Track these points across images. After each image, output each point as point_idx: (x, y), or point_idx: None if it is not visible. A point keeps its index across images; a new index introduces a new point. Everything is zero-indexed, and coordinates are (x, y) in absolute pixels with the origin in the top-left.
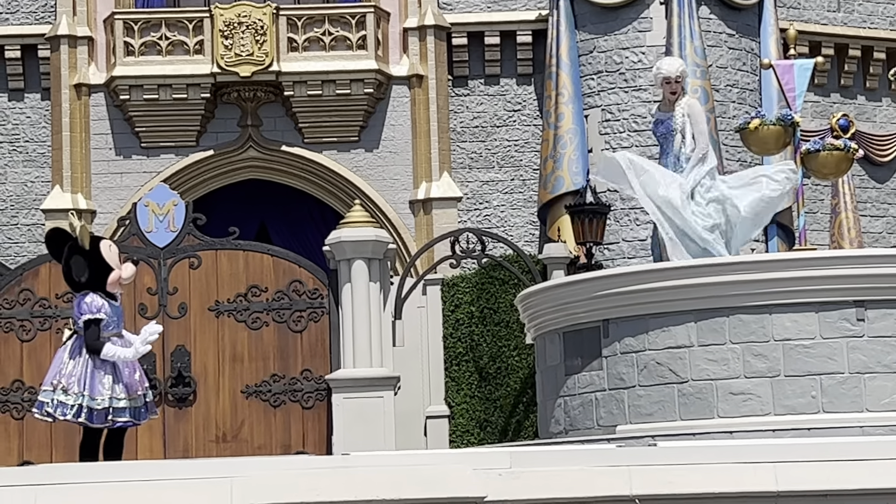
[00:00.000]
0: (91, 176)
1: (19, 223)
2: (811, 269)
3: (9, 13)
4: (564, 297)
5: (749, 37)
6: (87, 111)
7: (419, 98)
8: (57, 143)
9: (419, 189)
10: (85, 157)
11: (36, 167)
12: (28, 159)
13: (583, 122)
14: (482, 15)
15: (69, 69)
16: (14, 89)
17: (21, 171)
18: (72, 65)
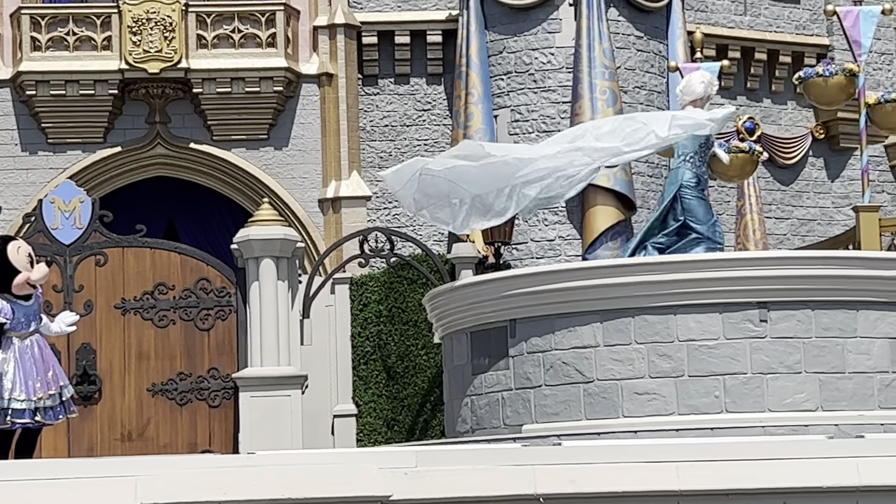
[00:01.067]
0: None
1: None
2: (715, 270)
3: None
4: (472, 297)
5: (657, 39)
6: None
7: (329, 96)
8: None
9: (328, 188)
10: None
11: None
12: None
13: (492, 122)
14: (392, 14)
15: None
16: None
17: None
18: None
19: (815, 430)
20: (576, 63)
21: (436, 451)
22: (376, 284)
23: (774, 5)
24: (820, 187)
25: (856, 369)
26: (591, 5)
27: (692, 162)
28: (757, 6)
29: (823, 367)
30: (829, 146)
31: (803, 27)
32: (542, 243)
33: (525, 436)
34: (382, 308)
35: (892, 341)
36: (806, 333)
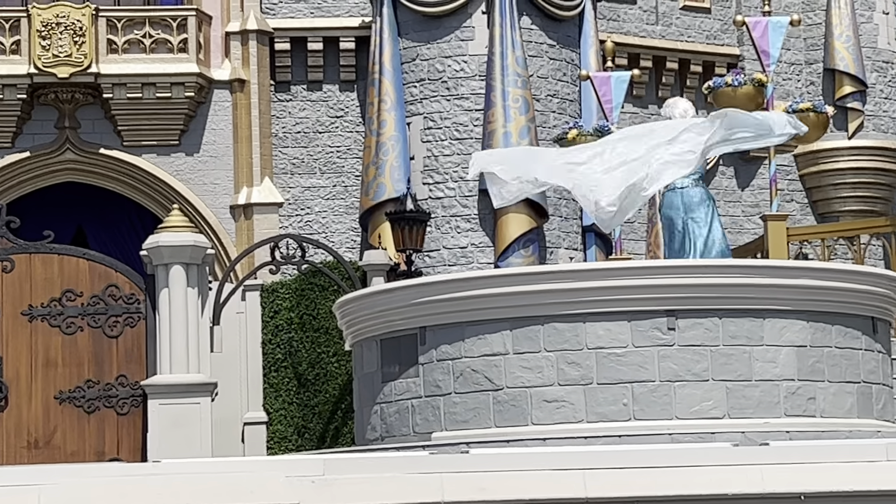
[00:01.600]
0: None
1: None
2: (624, 278)
3: None
4: (382, 305)
5: (570, 48)
6: None
7: (241, 103)
8: None
9: (240, 194)
10: None
11: None
12: None
13: (405, 130)
14: (305, 20)
15: None
16: None
17: None
18: None
19: (722, 438)
20: (489, 71)
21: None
22: (287, 291)
23: (686, 15)
24: (730, 196)
25: (762, 377)
26: (504, 13)
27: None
28: (668, 16)
29: (730, 375)
30: (739, 155)
31: (714, 37)
32: (455, 251)
33: (434, 443)
34: (293, 315)
35: (798, 349)
36: (713, 341)
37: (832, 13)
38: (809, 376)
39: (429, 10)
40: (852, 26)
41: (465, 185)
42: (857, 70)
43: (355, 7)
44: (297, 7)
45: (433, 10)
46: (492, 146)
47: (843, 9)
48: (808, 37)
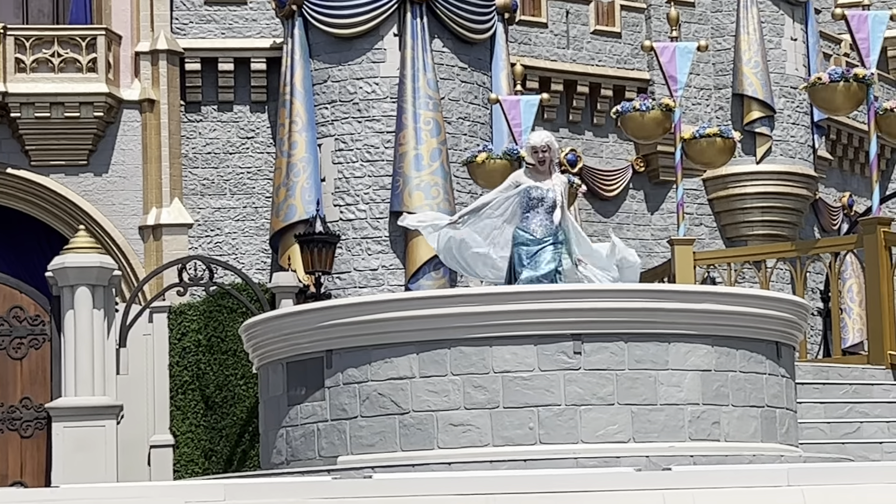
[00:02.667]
0: None
1: None
2: (530, 302)
3: None
4: (288, 327)
5: (481, 71)
6: None
7: (151, 123)
8: None
9: (149, 215)
10: None
11: None
12: None
13: (316, 151)
14: (216, 41)
15: None
16: None
17: None
18: None
19: (628, 462)
20: (400, 93)
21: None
22: (195, 313)
23: (597, 39)
24: (640, 219)
25: (667, 401)
26: (416, 36)
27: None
28: (579, 40)
29: (636, 399)
30: (649, 179)
31: (624, 61)
32: (366, 273)
33: (339, 468)
34: (201, 337)
35: (703, 374)
36: (619, 366)
37: (741, 39)
38: (714, 400)
39: (340, 32)
40: (761, 52)
41: (377, 207)
42: (766, 95)
43: (266, 28)
44: (208, 27)
45: (345, 31)
46: (402, 169)
47: (751, 35)
48: (718, 62)
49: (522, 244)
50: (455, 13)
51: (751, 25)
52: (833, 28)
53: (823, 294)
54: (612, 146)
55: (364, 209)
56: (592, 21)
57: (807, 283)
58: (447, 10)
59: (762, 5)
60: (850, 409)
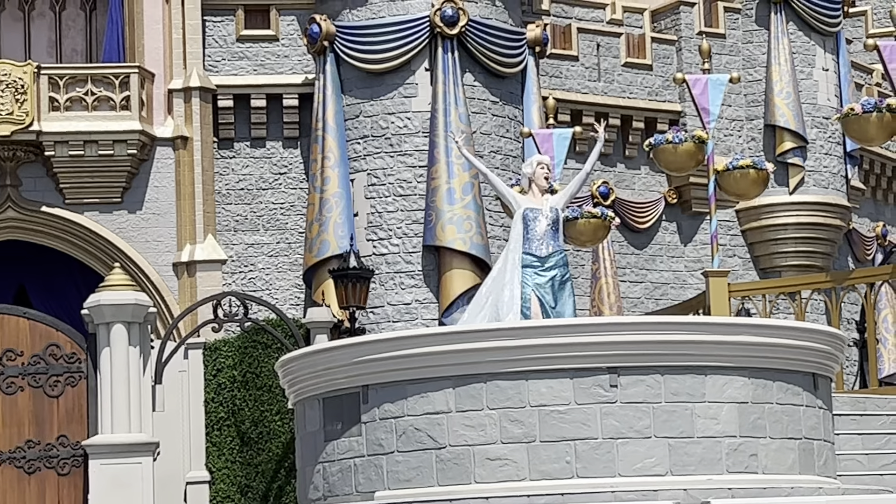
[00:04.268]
0: None
1: None
2: (565, 335)
3: None
4: (324, 363)
5: (513, 104)
6: None
7: (184, 160)
8: None
9: (183, 251)
10: None
11: None
12: None
13: (349, 186)
14: (248, 78)
15: None
16: None
17: None
18: None
19: (665, 496)
20: (432, 127)
21: None
22: (230, 349)
23: (628, 72)
24: (673, 251)
25: (704, 434)
26: (447, 70)
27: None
28: (610, 72)
29: (673, 432)
30: (681, 210)
31: (656, 93)
32: (399, 307)
33: (377, 502)
34: (236, 373)
35: (740, 406)
36: (655, 398)
37: (772, 70)
38: (751, 433)
39: (372, 68)
40: (792, 83)
41: (409, 242)
42: (798, 126)
43: (298, 64)
44: (241, 64)
45: (376, 67)
46: (435, 203)
47: (783, 66)
48: (749, 93)
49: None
50: (486, 47)
51: (782, 56)
52: (865, 58)
53: (859, 325)
54: (644, 178)
55: (397, 244)
56: (623, 53)
57: (842, 314)
58: (478, 44)
59: (793, 36)
60: (888, 440)
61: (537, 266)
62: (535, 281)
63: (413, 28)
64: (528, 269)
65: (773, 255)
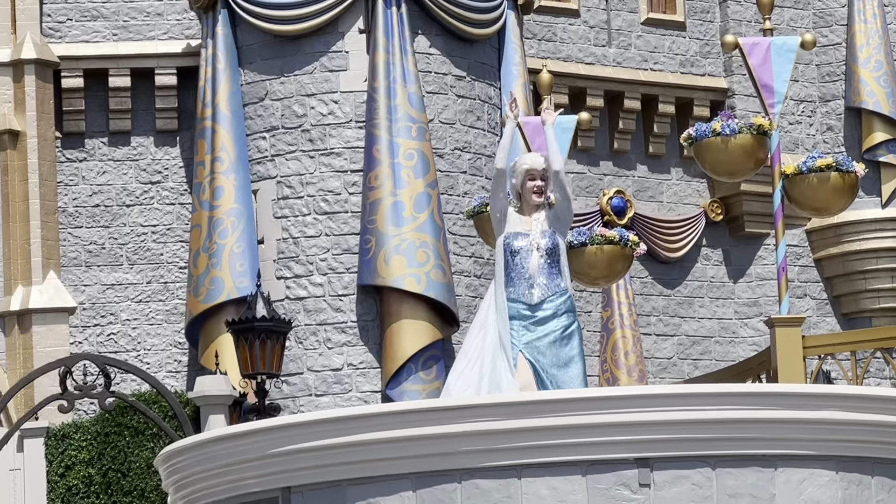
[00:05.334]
0: None
1: None
2: (577, 414)
3: None
4: (227, 456)
5: (486, 80)
6: None
7: (14, 164)
8: None
9: (13, 296)
10: None
11: None
12: None
13: (250, 201)
14: (106, 46)
15: None
16: None
17: None
18: None
19: None
20: (369, 115)
21: None
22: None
23: (650, 33)
24: (718, 290)
25: None
26: (391, 33)
27: None
28: (626, 34)
29: None
30: (729, 232)
31: (691, 63)
32: (325, 374)
33: None
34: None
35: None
36: (705, 502)
37: (855, 29)
38: None
39: (283, 29)
40: (884, 48)
41: (339, 280)
42: (893, 110)
43: (177, 26)
44: (94, 27)
45: (289, 27)
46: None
47: (870, 22)
48: (824, 62)
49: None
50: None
51: (869, 11)
52: None
53: None
54: (676, 186)
55: (321, 283)
56: (644, 7)
57: None
58: None
59: None
60: None
61: (527, 317)
62: (525, 339)
63: None
64: (515, 322)
65: (859, 294)
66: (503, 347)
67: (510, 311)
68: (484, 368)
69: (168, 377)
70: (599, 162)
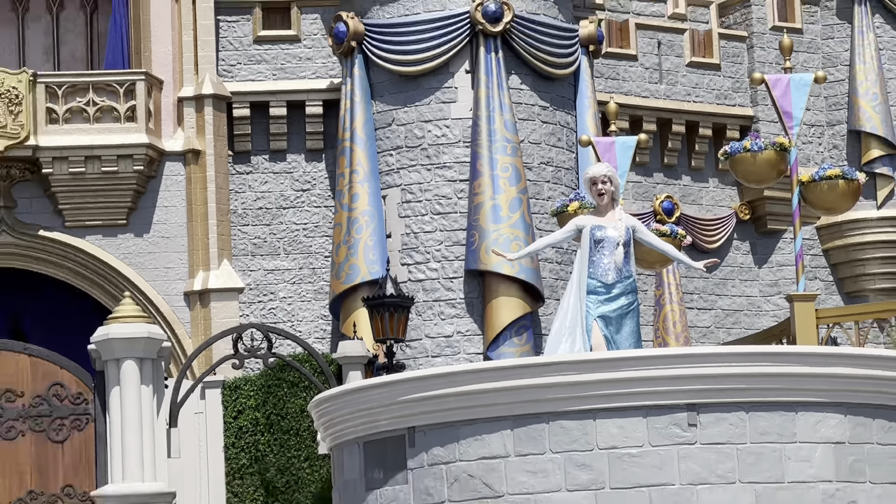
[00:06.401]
0: None
1: None
2: (639, 368)
3: None
4: (365, 403)
5: (564, 110)
6: None
7: (195, 176)
8: None
9: (196, 279)
10: None
11: None
12: None
13: (380, 204)
14: (267, 83)
15: None
16: None
17: None
18: None
19: None
20: (474, 136)
21: None
22: (252, 388)
23: (693, 72)
24: (746, 274)
25: (795, 479)
26: (490, 73)
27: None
28: (674, 73)
29: (760, 477)
30: (755, 228)
31: (725, 96)
32: (439, 340)
33: None
34: (259, 415)
35: (836, 446)
36: (740, 439)
37: (856, 69)
38: (849, 477)
39: (406, 70)
40: (879, 82)
41: (450, 266)
42: (886, 131)
43: (323, 67)
44: (258, 69)
45: (411, 69)
46: (479, 221)
47: (868, 63)
48: (831, 95)
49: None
50: (534, 46)
51: (867, 53)
52: None
53: None
54: (712, 192)
55: (436, 268)
56: (687, 52)
57: None
58: (525, 43)
59: (880, 30)
60: None
61: (602, 293)
62: (599, 310)
63: (452, 26)
64: (593, 297)
65: (859, 277)
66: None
67: (589, 287)
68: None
69: (316, 342)
70: (653, 173)
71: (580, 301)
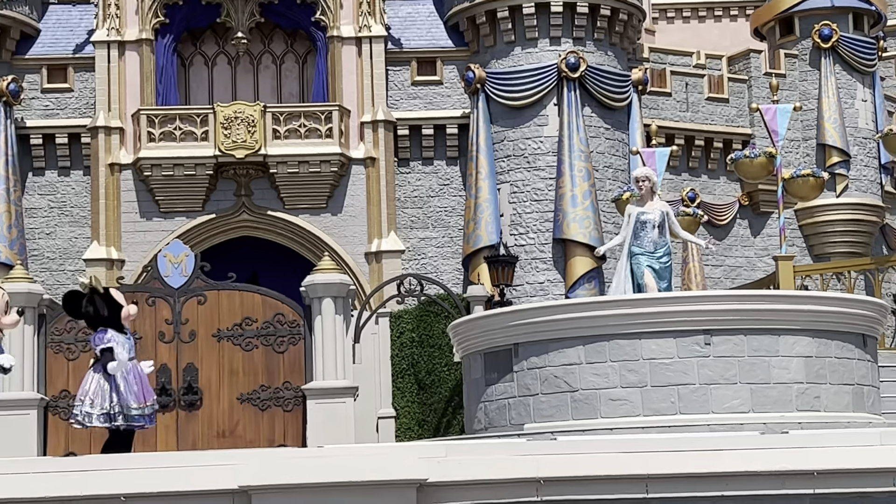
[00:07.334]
0: (121, 233)
1: (65, 269)
2: (670, 305)
3: (59, 109)
4: (485, 326)
5: (621, 130)
6: (119, 184)
7: (372, 175)
8: (95, 208)
9: (372, 244)
10: (116, 219)
11: (79, 227)
12: (73, 221)
13: (496, 194)
14: (420, 112)
15: (105, 152)
16: (62, 167)
17: (67, 230)
18: (107, 148)
19: (748, 428)
20: (559, 148)
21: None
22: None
23: (710, 104)
24: (745, 242)
25: (778, 381)
26: (571, 105)
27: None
28: (696, 104)
29: (754, 379)
30: (752, 210)
31: (731, 120)
32: (535, 285)
33: (527, 432)
34: (415, 335)
35: (806, 359)
36: (740, 353)
37: (823, 101)
38: (815, 380)
39: (514, 103)
40: (838, 111)
41: (542, 236)
42: (843, 144)
43: (458, 102)
44: (414, 102)
45: (517, 103)
46: (562, 206)
47: (831, 97)
48: (805, 119)
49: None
50: (601, 86)
51: (830, 90)
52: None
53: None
54: (722, 186)
55: (533, 237)
56: (706, 90)
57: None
58: (594, 85)
59: (839, 75)
60: None
61: (650, 255)
62: (649, 263)
63: (544, 73)
64: (642, 257)
65: (824, 244)
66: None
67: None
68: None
69: (453, 286)
70: (681, 173)
71: (626, 261)
